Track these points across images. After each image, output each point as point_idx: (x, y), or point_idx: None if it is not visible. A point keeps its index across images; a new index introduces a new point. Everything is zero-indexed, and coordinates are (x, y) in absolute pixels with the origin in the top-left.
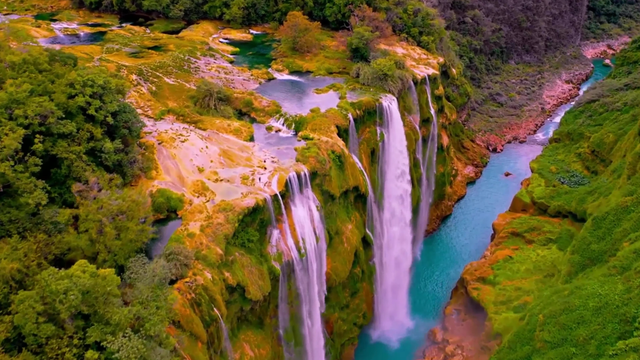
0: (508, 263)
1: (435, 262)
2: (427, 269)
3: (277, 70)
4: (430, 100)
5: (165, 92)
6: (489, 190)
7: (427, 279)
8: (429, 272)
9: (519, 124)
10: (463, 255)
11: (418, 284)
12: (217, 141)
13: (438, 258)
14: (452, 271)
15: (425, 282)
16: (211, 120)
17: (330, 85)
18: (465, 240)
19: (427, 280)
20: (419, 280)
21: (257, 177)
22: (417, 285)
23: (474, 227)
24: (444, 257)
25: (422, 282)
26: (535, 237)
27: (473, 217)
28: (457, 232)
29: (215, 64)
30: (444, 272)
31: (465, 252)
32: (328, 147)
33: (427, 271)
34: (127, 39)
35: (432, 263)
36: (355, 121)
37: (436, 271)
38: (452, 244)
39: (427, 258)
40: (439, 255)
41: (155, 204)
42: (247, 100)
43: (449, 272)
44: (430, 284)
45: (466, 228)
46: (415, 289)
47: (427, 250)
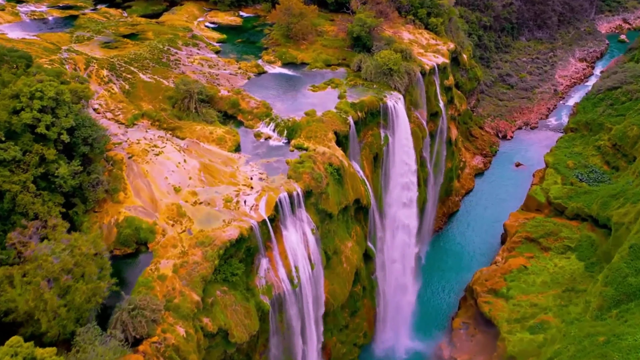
0: (522, 274)
1: (441, 266)
2: (433, 275)
3: (268, 62)
4: (439, 92)
5: (139, 91)
6: (498, 182)
7: (433, 286)
8: (435, 277)
9: (530, 108)
10: (471, 257)
11: (423, 292)
12: (197, 153)
13: (445, 261)
14: (459, 276)
15: (431, 289)
16: (191, 126)
17: (328, 81)
18: (474, 241)
19: (433, 287)
20: (425, 287)
21: (243, 199)
22: (423, 293)
23: (483, 225)
24: (451, 260)
25: (428, 290)
26: (552, 243)
27: (482, 214)
28: (464, 231)
29: (198, 56)
30: (451, 278)
31: (474, 254)
32: (325, 160)
33: (433, 277)
34: (101, 25)
35: (439, 267)
36: (356, 124)
37: (443, 277)
38: (459, 244)
39: (433, 261)
40: (446, 258)
41: (122, 237)
42: (233, 101)
43: (456, 278)
44: (436, 291)
45: (475, 226)
46: (420, 298)
47: (433, 253)
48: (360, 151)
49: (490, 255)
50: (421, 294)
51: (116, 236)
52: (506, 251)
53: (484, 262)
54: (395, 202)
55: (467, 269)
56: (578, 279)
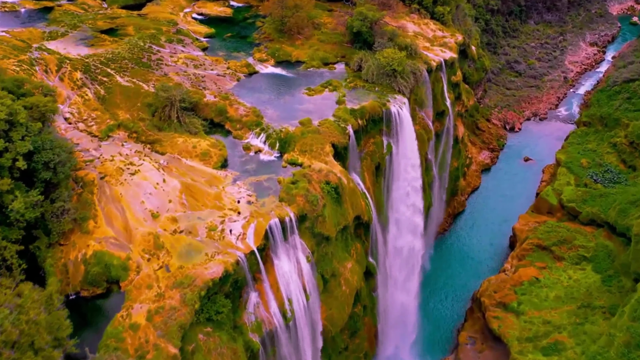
0: (534, 287)
1: (446, 272)
2: (437, 282)
3: (260, 60)
4: (446, 90)
5: (116, 97)
6: (506, 179)
7: (437, 294)
8: (439, 285)
9: (539, 98)
10: (478, 262)
11: (427, 301)
12: (178, 171)
13: (450, 267)
14: (465, 283)
15: (435, 298)
16: (172, 139)
17: (325, 83)
18: (481, 243)
19: (437, 296)
20: (429, 296)
21: (228, 227)
22: (427, 303)
23: (490, 225)
24: (456, 265)
25: (432, 299)
26: (566, 252)
27: (489, 214)
28: (470, 232)
29: (183, 54)
30: (456, 285)
31: (481, 258)
32: (321, 178)
33: (438, 284)
34: (78, 18)
35: (443, 273)
36: (356, 132)
37: (448, 284)
38: (465, 247)
39: (437, 267)
40: (451, 262)
41: (90, 276)
42: (220, 108)
43: (462, 285)
44: (441, 300)
45: (481, 227)
46: (424, 308)
47: (438, 257)
48: (360, 162)
49: (497, 259)
50: (425, 303)
51: (84, 275)
52: (516, 259)
53: (491, 267)
54: (398, 212)
55: (473, 275)
56: (594, 293)
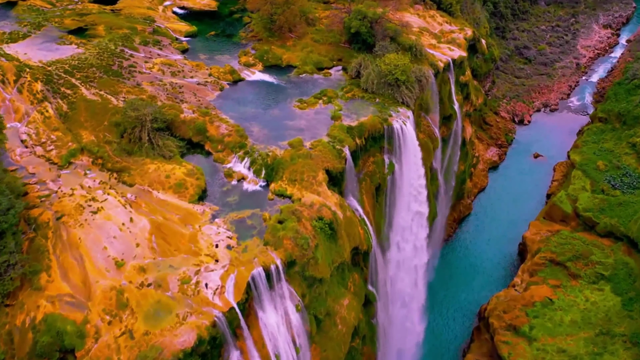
0: (548, 309)
1: (451, 283)
2: (441, 294)
3: (246, 65)
4: (454, 91)
5: (80, 114)
6: (515, 178)
7: (442, 308)
8: (444, 298)
9: (549, 87)
10: (485, 272)
11: (431, 316)
12: (148, 207)
13: (455, 278)
14: (472, 296)
15: (440, 313)
16: (143, 166)
17: (319, 94)
18: (488, 251)
19: (442, 310)
20: (433, 311)
21: (204, 278)
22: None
23: (498, 230)
24: (461, 277)
25: (437, 314)
26: (582, 269)
27: (496, 218)
28: (477, 239)
29: (159, 59)
30: (462, 299)
31: (488, 268)
32: (313, 215)
33: (442, 297)
34: (43, 16)
35: (448, 285)
36: (353, 152)
37: (453, 297)
38: (471, 256)
39: (442, 278)
40: (456, 274)
41: (40, 346)
42: (199, 126)
43: (468, 298)
44: (446, 315)
45: (488, 233)
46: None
47: (442, 268)
48: (358, 184)
49: (506, 268)
50: (429, 319)
51: (31, 345)
52: (527, 273)
53: (499, 278)
54: (401, 233)
55: (480, 287)
56: (614, 319)
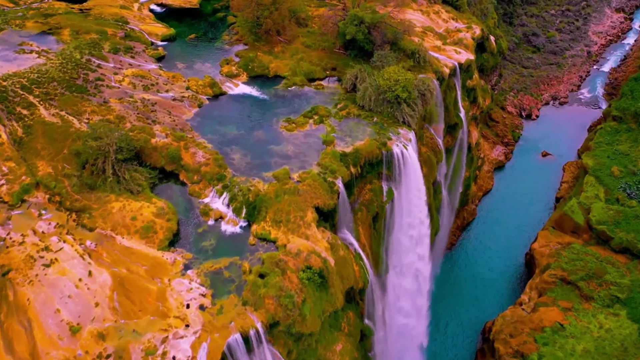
0: (558, 336)
1: (453, 296)
2: (444, 309)
3: (229, 75)
4: (460, 98)
5: (37, 139)
6: (521, 179)
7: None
8: (446, 313)
9: (559, 78)
10: (490, 285)
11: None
12: (110, 257)
13: (457, 290)
14: (476, 311)
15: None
16: (106, 204)
17: (310, 111)
18: (493, 261)
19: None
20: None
21: (173, 348)
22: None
23: (503, 239)
24: (464, 289)
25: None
26: (596, 290)
27: (502, 224)
28: (481, 248)
29: (131, 70)
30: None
31: (493, 280)
32: (300, 264)
33: (444, 312)
34: (2, 17)
35: (450, 298)
36: (348, 182)
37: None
38: (475, 267)
39: (444, 291)
40: (459, 286)
41: None
42: (172, 153)
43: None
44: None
45: (493, 242)
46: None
47: (444, 279)
48: (353, 214)
49: (512, 280)
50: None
51: None
52: (535, 290)
53: (504, 292)
54: (400, 262)
55: (484, 301)
56: (631, 349)
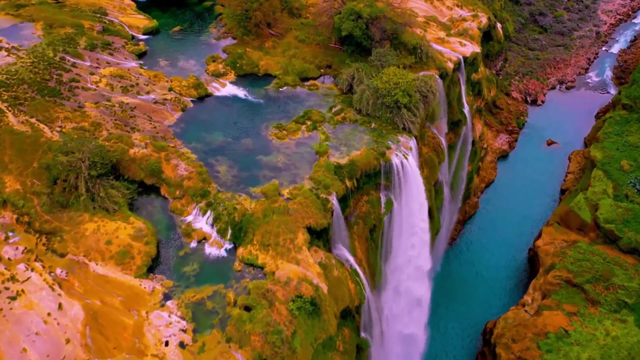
0: (563, 342)
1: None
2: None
3: (215, 74)
4: (465, 92)
5: (5, 152)
6: (525, 169)
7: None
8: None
9: (566, 60)
10: (491, 283)
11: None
12: (82, 287)
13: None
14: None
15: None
16: (79, 225)
17: (302, 116)
18: (494, 257)
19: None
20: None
21: None
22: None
23: (506, 234)
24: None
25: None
26: (602, 293)
27: (504, 217)
28: (483, 242)
29: (109, 69)
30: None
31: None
32: (290, 294)
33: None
34: None
35: (450, 296)
36: (343, 197)
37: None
38: (476, 263)
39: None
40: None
41: None
42: (152, 165)
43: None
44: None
45: (495, 236)
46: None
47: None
48: (349, 228)
49: (514, 277)
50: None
51: None
52: (539, 291)
53: (506, 290)
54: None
55: (485, 299)
56: (638, 359)
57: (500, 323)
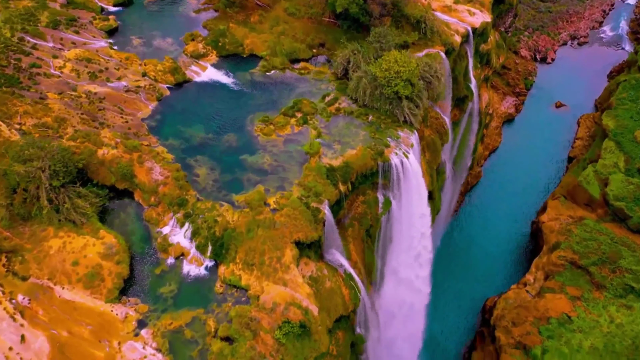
0: (565, 329)
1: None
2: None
3: (195, 55)
4: (472, 66)
5: None
6: (532, 134)
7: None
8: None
9: (580, 13)
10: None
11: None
12: (47, 315)
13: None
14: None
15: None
16: (42, 242)
17: (291, 107)
18: (496, 230)
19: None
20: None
21: None
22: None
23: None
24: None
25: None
26: (608, 276)
27: (508, 187)
28: (485, 215)
29: (74, 50)
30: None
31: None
32: (276, 321)
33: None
34: None
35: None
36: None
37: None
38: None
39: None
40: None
41: None
42: (124, 168)
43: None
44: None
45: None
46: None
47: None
48: (344, 231)
49: (516, 252)
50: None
51: None
52: (541, 271)
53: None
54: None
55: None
56: None
57: (501, 303)
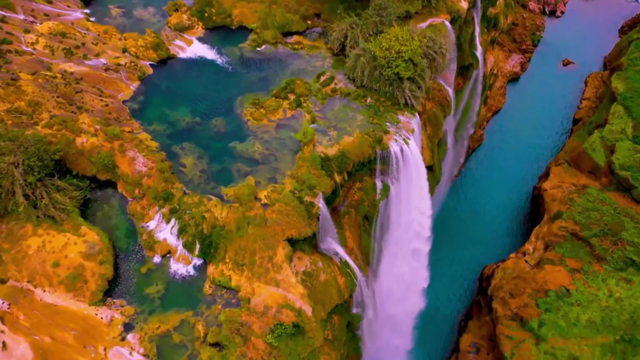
0: (563, 302)
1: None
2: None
3: (179, 27)
4: (479, 32)
5: None
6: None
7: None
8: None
9: None
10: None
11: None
12: (29, 320)
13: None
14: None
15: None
16: (20, 241)
17: (284, 88)
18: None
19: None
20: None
21: None
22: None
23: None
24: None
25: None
26: (609, 249)
27: (510, 150)
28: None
29: (47, 23)
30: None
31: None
32: (268, 324)
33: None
34: None
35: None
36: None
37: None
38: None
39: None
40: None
41: None
42: (104, 159)
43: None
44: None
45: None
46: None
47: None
48: (340, 219)
49: (516, 219)
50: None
51: None
52: (541, 241)
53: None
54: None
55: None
56: None
57: (499, 273)
